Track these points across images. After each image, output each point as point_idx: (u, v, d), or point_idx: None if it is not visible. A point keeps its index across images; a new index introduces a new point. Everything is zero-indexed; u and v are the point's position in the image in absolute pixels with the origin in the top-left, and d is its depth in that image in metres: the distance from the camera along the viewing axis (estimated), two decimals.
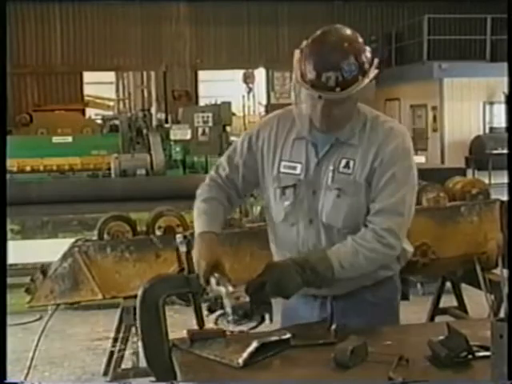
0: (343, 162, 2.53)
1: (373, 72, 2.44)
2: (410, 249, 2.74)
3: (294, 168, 2.59)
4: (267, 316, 2.40)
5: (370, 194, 2.52)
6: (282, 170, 2.61)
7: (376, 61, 2.46)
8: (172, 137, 11.54)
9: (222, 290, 2.38)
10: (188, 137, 11.85)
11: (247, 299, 2.35)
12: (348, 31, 2.45)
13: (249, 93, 17.38)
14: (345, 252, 2.48)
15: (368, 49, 2.45)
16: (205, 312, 2.42)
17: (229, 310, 2.34)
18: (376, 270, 2.57)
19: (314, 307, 2.66)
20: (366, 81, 2.41)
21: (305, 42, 2.46)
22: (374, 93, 2.51)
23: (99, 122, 17.88)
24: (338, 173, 2.53)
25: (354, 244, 2.48)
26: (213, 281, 2.42)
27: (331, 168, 2.53)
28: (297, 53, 2.46)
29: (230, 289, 2.37)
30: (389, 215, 2.50)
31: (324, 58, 2.38)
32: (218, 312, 2.40)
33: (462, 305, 5.36)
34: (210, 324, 2.42)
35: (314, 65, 2.39)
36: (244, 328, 2.37)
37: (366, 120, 2.57)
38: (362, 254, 2.48)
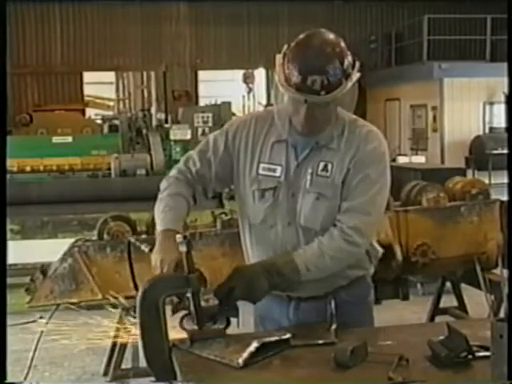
0: (321, 165, 2.55)
1: (355, 75, 2.46)
2: (379, 248, 2.77)
3: (274, 170, 2.59)
4: (236, 320, 2.44)
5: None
6: (261, 171, 2.61)
7: (358, 64, 2.48)
8: (172, 137, 11.54)
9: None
10: (188, 137, 11.84)
11: (216, 302, 2.39)
12: (331, 35, 2.47)
13: (249, 93, 17.38)
14: (311, 254, 2.50)
15: (349, 53, 2.46)
16: (168, 313, 2.41)
17: (198, 311, 2.36)
18: (350, 269, 2.60)
19: (288, 309, 2.68)
20: (350, 84, 2.43)
21: (286, 47, 2.47)
22: (356, 96, 2.54)
23: (99, 122, 17.85)
24: (316, 176, 2.55)
25: (320, 245, 2.51)
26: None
27: (310, 171, 2.55)
28: (279, 57, 2.47)
29: (200, 292, 2.38)
30: (356, 214, 2.52)
31: (310, 62, 2.39)
32: (183, 312, 2.41)
33: (462, 305, 5.36)
34: (174, 324, 2.42)
35: (299, 68, 2.39)
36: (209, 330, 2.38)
37: (344, 124, 2.58)
38: (328, 255, 2.50)
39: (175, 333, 2.40)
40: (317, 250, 2.50)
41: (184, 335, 2.39)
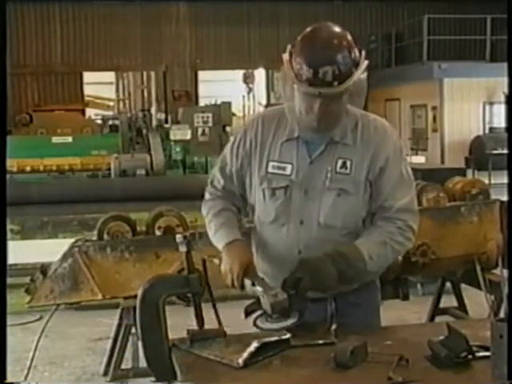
0: (340, 162, 2.55)
1: (364, 63, 2.47)
2: None
3: (284, 169, 2.59)
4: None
5: (374, 192, 2.56)
6: (270, 170, 2.61)
7: (364, 52, 2.49)
8: (172, 137, 11.54)
9: (259, 289, 2.39)
10: (188, 137, 11.85)
11: (285, 296, 2.35)
12: (336, 27, 2.48)
13: (249, 93, 17.39)
14: (373, 243, 2.52)
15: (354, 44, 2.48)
16: (242, 315, 2.43)
17: (268, 308, 2.34)
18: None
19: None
20: (360, 72, 2.44)
21: (289, 46, 2.47)
22: (367, 86, 2.54)
23: (99, 122, 17.87)
24: (335, 173, 2.54)
25: (383, 237, 2.53)
26: (247, 283, 2.44)
27: (329, 168, 2.54)
28: (285, 56, 2.46)
29: (267, 287, 2.38)
30: (408, 213, 2.58)
31: (319, 54, 2.39)
32: (257, 313, 2.40)
33: (462, 305, 5.35)
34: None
35: (309, 62, 2.39)
36: (283, 325, 2.35)
37: (357, 119, 2.59)
38: (390, 245, 2.54)
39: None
40: (380, 241, 2.52)
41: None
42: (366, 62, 2.47)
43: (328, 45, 2.40)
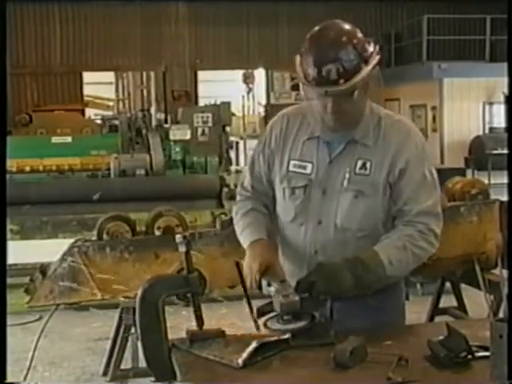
0: (359, 163, 2.51)
1: (375, 58, 2.41)
2: None
3: (304, 167, 2.57)
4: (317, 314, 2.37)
5: (394, 195, 2.51)
6: (292, 168, 2.59)
7: (377, 47, 2.44)
8: (171, 137, 11.52)
9: (272, 289, 2.38)
10: (187, 137, 11.83)
11: (296, 298, 2.33)
12: (343, 24, 2.44)
13: (248, 93, 17.37)
14: (393, 248, 2.47)
15: (367, 39, 2.42)
16: (254, 314, 2.42)
17: (278, 308, 2.33)
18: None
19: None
20: (369, 68, 2.39)
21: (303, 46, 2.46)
22: (380, 83, 2.50)
23: (99, 122, 17.86)
24: (354, 174, 2.51)
25: (403, 241, 2.47)
26: (264, 283, 2.43)
27: (347, 169, 2.51)
28: (298, 57, 2.45)
29: (280, 288, 2.36)
30: (430, 216, 2.52)
31: (321, 52, 2.37)
32: (270, 315, 2.39)
33: (461, 305, 5.35)
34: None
35: (313, 61, 2.37)
36: (293, 327, 2.33)
37: (379, 119, 2.55)
38: (410, 250, 2.48)
39: None
40: (400, 245, 2.47)
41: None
42: (377, 58, 2.42)
43: (330, 42, 2.37)
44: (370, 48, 2.42)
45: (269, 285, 2.41)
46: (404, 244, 2.47)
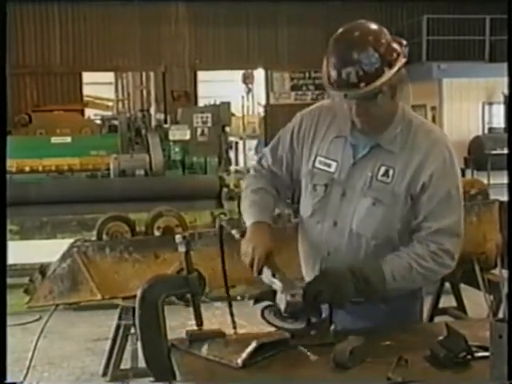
0: (382, 169, 2.46)
1: (400, 61, 2.35)
2: None
3: (329, 166, 2.54)
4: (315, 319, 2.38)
5: (415, 208, 2.45)
6: (317, 165, 2.57)
7: (406, 49, 2.38)
8: (171, 137, 11.52)
9: (279, 284, 2.37)
10: (187, 137, 11.83)
11: (300, 300, 2.34)
12: (366, 24, 2.38)
13: (248, 93, 17.36)
14: (399, 265, 2.42)
15: (391, 40, 2.36)
16: (250, 302, 2.43)
17: (282, 305, 2.34)
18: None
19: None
20: (393, 72, 2.33)
21: None
22: (409, 87, 2.47)
23: (98, 122, 17.85)
24: (375, 180, 2.46)
25: (410, 259, 2.43)
26: (267, 271, 2.42)
27: (369, 174, 2.47)
28: (324, 59, 2.40)
29: (287, 285, 2.36)
30: (448, 236, 2.45)
31: (341, 55, 2.32)
32: (266, 303, 2.40)
33: (461, 305, 5.35)
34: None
35: (333, 64, 2.33)
36: (291, 326, 2.35)
37: (410, 126, 2.49)
38: (416, 270, 2.43)
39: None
40: (406, 265, 2.42)
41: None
42: (403, 60, 2.36)
43: (351, 45, 2.31)
44: (397, 50, 2.35)
45: (273, 275, 2.41)
46: (410, 263, 2.42)
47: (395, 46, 2.35)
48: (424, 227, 2.44)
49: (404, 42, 2.39)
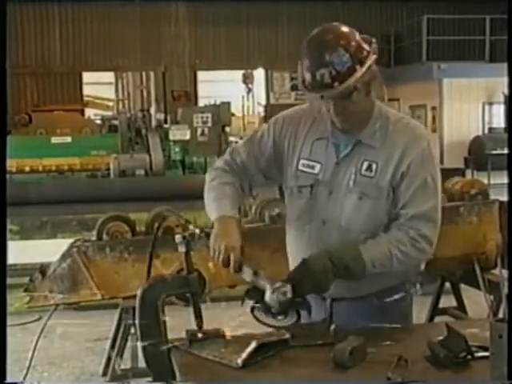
0: (365, 164, 2.51)
1: (370, 59, 2.41)
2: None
3: (313, 167, 2.58)
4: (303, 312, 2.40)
5: (395, 198, 2.50)
6: (301, 168, 2.60)
7: (375, 47, 2.43)
8: (171, 137, 11.53)
9: (265, 282, 2.38)
10: (187, 137, 11.84)
11: (290, 296, 2.35)
12: (336, 27, 2.45)
13: (248, 93, 17.39)
14: (379, 253, 2.46)
15: (365, 38, 2.42)
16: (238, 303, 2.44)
17: (275, 305, 2.35)
18: (384, 277, 2.52)
19: (320, 307, 2.62)
20: (364, 69, 2.38)
21: None
22: (382, 83, 2.50)
23: (98, 122, 17.86)
24: (360, 175, 2.51)
25: (390, 245, 2.47)
26: (247, 270, 2.41)
27: (353, 170, 2.51)
28: (299, 63, 2.45)
29: (276, 283, 2.36)
30: (425, 221, 2.50)
31: (313, 57, 2.38)
32: (253, 301, 2.39)
33: (461, 305, 5.35)
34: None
35: (307, 67, 2.39)
36: (280, 324, 2.36)
37: (388, 122, 2.55)
38: (396, 257, 2.47)
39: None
40: (386, 251, 2.46)
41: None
42: (373, 57, 2.42)
43: (322, 47, 2.38)
44: (366, 48, 2.41)
45: (255, 273, 2.40)
46: (390, 250, 2.46)
47: (364, 45, 2.42)
48: (402, 214, 2.50)
49: (373, 40, 2.45)
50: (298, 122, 2.64)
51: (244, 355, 2.17)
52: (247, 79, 17.29)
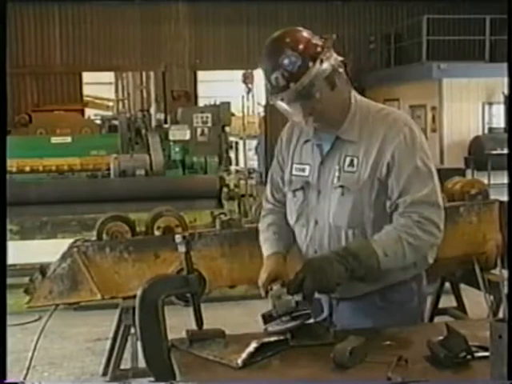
0: (347, 160, 2.52)
1: (325, 54, 2.40)
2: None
3: (303, 170, 2.62)
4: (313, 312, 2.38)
5: (388, 189, 2.48)
6: (294, 172, 2.66)
7: (328, 41, 2.42)
8: (171, 137, 11.52)
9: (271, 293, 2.42)
10: (187, 137, 11.83)
11: (289, 297, 2.35)
12: (284, 30, 2.47)
13: (248, 93, 17.35)
14: (387, 239, 2.45)
15: (312, 36, 2.42)
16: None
17: (274, 311, 2.36)
18: (387, 272, 2.49)
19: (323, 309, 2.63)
20: (317, 65, 2.37)
21: None
22: (345, 79, 2.47)
23: (98, 122, 17.85)
24: (343, 172, 2.52)
25: (396, 231, 2.45)
26: (275, 287, 2.45)
27: (337, 167, 2.53)
28: None
29: (274, 291, 2.39)
30: (425, 206, 2.46)
31: (264, 64, 2.43)
32: (273, 322, 2.40)
33: (461, 305, 5.35)
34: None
35: (263, 73, 2.45)
36: (285, 327, 2.35)
37: (368, 113, 2.54)
38: (406, 240, 2.43)
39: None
40: (394, 236, 2.44)
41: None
42: (328, 53, 2.40)
43: (268, 52, 2.43)
44: (318, 44, 2.41)
45: (271, 289, 2.45)
46: (399, 234, 2.44)
47: (315, 41, 2.42)
48: (400, 202, 2.47)
49: (331, 36, 2.46)
50: (291, 131, 2.70)
51: (244, 355, 2.18)
52: (247, 79, 17.24)
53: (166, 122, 15.10)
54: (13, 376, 4.17)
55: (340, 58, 2.48)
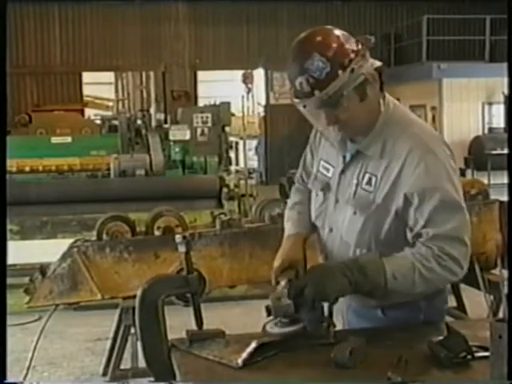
0: (366, 177, 2.37)
1: (358, 62, 2.24)
2: None
3: (328, 170, 2.52)
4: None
5: (410, 218, 2.32)
6: (320, 169, 2.55)
7: (366, 47, 2.28)
8: (171, 137, 11.53)
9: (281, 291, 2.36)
10: (187, 137, 11.84)
11: (288, 301, 2.29)
12: (316, 30, 2.30)
13: (248, 93, 17.34)
14: (401, 264, 2.30)
15: (347, 40, 2.25)
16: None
17: (272, 312, 2.32)
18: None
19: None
20: (347, 74, 2.21)
21: None
22: (377, 87, 2.33)
23: (98, 122, 17.85)
24: (360, 189, 2.38)
25: (413, 258, 2.29)
26: (282, 283, 2.38)
27: (355, 182, 2.40)
28: None
29: (274, 291, 2.34)
30: (448, 241, 2.31)
31: (291, 66, 2.27)
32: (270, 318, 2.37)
33: (461, 305, 5.35)
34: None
35: (288, 76, 2.29)
36: (283, 331, 2.31)
37: (394, 128, 2.36)
38: (419, 270, 2.28)
39: None
40: (408, 263, 2.29)
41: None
42: (362, 61, 2.25)
43: (296, 54, 2.25)
44: (351, 51, 2.24)
45: (277, 283, 2.40)
46: (413, 263, 2.29)
47: (349, 45, 2.24)
48: (423, 233, 2.32)
49: (368, 38, 2.36)
50: None
51: (244, 355, 2.17)
52: (247, 79, 17.24)
53: (166, 122, 15.11)
54: (13, 376, 4.17)
55: (377, 64, 2.34)
